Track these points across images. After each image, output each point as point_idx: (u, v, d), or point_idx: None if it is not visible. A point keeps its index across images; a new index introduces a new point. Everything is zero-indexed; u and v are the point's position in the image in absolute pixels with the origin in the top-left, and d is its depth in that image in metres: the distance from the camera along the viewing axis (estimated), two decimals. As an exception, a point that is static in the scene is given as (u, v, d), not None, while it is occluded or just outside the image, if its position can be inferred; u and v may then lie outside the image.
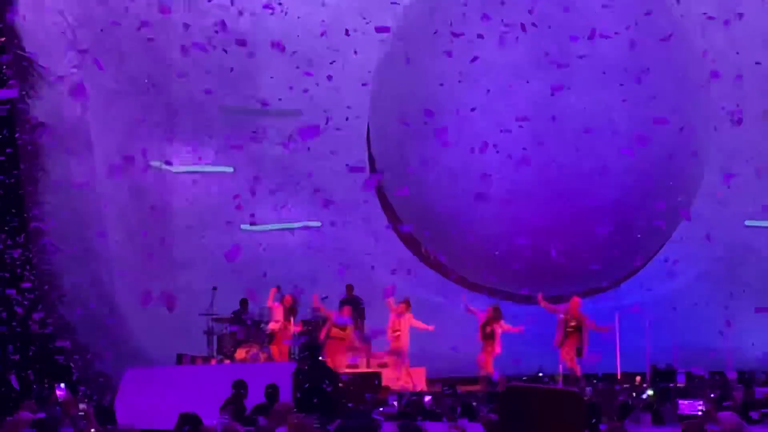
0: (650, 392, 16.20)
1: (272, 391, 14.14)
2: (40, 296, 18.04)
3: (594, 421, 10.18)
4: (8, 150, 18.07)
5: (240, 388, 14.24)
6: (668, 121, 20.61)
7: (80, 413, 14.81)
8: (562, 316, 19.23)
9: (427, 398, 16.21)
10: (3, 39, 17.67)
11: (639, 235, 22.02)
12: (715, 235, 22.03)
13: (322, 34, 21.67)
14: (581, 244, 21.58)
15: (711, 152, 22.64)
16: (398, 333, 19.51)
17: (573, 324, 19.04)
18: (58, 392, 15.95)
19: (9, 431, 11.25)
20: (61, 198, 18.71)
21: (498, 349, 19.29)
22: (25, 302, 17.72)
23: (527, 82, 21.11)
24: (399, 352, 19.48)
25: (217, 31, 20.78)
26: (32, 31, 18.44)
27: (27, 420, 11.61)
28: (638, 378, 19.23)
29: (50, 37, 18.96)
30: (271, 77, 22.12)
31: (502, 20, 20.59)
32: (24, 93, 18.06)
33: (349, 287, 20.76)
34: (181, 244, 21.62)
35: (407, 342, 19.58)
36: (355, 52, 22.12)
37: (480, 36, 20.64)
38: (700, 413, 13.16)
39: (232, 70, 21.71)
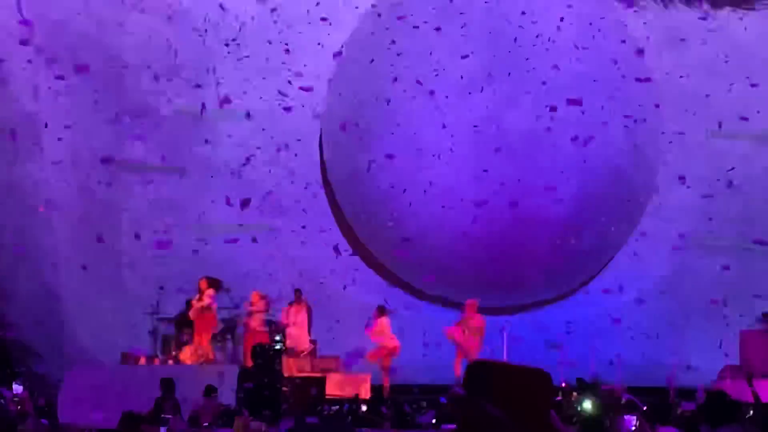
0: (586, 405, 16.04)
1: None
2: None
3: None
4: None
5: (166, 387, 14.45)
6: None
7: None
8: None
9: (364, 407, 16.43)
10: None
11: (586, 249, 22.28)
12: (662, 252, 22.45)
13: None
14: (526, 256, 21.83)
15: (659, 171, 22.94)
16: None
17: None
18: (15, 390, 15.94)
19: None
20: (8, 195, 18.61)
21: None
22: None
23: (480, 92, 21.34)
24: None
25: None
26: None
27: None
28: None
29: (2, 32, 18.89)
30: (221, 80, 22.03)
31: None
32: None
33: (298, 291, 20.78)
34: (128, 243, 21.48)
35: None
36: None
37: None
38: (633, 428, 13.27)
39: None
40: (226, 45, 21.73)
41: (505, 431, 3.83)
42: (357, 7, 22.18)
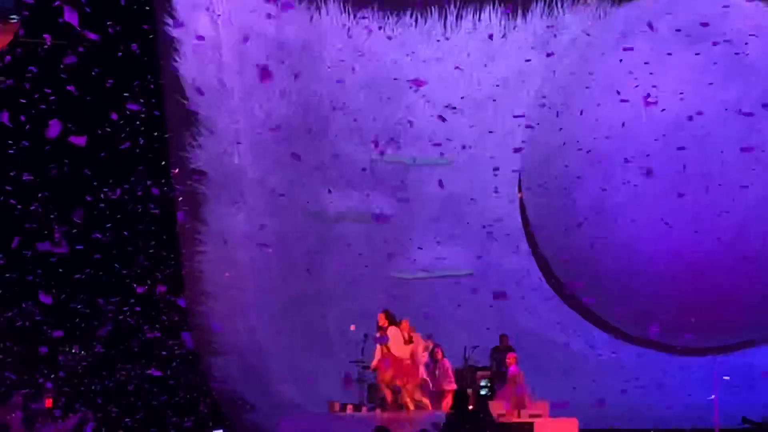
0: None
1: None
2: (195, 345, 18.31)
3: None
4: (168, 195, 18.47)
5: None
6: None
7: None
8: None
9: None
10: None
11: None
12: None
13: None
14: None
15: None
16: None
17: None
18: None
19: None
20: (218, 246, 19.00)
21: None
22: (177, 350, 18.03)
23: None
24: None
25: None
26: (195, 80, 18.85)
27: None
28: None
29: (211, 85, 19.36)
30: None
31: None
32: (186, 141, 18.45)
33: (503, 337, 20.50)
34: (334, 293, 21.65)
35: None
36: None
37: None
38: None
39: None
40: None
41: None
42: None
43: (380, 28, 22.26)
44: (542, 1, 22.54)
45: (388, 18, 22.27)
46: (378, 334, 17.61)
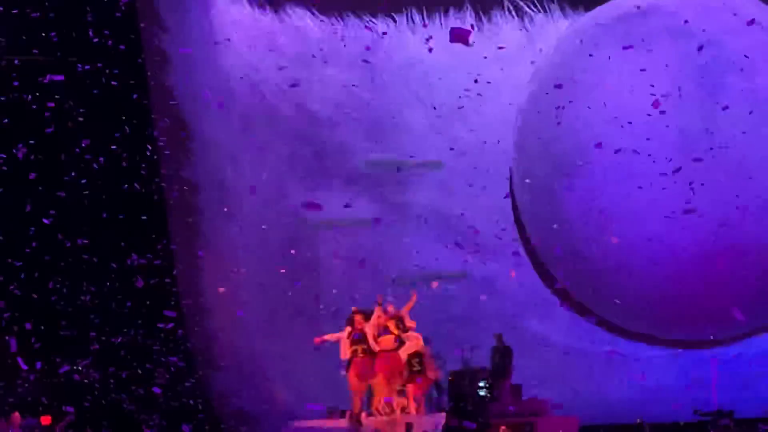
0: None
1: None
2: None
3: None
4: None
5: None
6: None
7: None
8: None
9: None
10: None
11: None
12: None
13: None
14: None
15: None
16: None
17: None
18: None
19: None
20: (215, 258, 19.05)
21: None
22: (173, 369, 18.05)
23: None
24: None
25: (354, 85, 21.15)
26: (187, 95, 18.89)
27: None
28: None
29: (204, 99, 19.41)
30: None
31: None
32: (180, 156, 18.51)
33: (499, 336, 20.56)
34: (330, 296, 21.68)
35: None
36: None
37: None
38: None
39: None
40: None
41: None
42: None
43: (383, 34, 22.41)
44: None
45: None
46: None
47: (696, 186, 20.53)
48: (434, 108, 22.36)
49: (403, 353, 16.35)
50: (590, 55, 21.10)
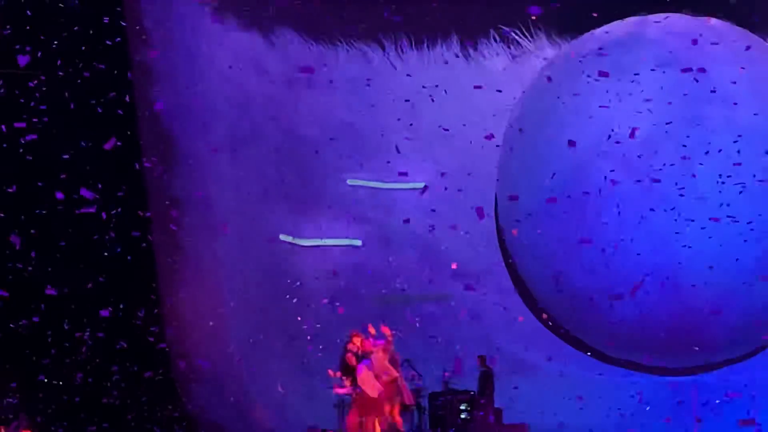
0: None
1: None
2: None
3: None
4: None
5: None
6: None
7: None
8: None
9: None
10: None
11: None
12: None
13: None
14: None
15: None
16: None
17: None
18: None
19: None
20: (195, 273, 19.05)
21: None
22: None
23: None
24: None
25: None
26: (172, 112, 19.00)
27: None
28: None
29: (189, 117, 19.53)
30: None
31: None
32: (163, 169, 18.56)
33: (481, 358, 20.53)
34: (311, 318, 21.65)
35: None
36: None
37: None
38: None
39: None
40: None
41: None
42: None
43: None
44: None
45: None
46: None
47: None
48: (419, 132, 22.41)
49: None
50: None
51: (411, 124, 22.35)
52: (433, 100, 22.20)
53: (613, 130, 20.71)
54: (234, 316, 19.97)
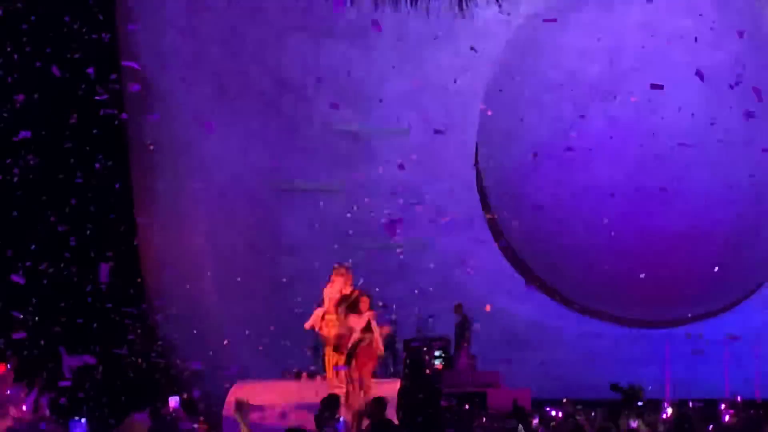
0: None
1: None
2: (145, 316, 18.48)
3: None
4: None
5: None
6: None
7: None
8: None
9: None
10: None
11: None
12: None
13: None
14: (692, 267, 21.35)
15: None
16: None
17: None
18: (171, 403, 16.26)
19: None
20: (172, 216, 19.16)
21: None
22: (128, 322, 18.13)
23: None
24: None
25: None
26: (149, 48, 18.95)
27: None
28: None
29: (166, 54, 19.48)
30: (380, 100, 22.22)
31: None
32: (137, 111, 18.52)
33: (458, 306, 20.71)
34: (289, 264, 21.73)
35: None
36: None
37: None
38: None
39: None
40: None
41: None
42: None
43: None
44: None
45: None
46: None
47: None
48: (410, 81, 22.35)
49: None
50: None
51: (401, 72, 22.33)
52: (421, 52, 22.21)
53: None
54: (212, 260, 20.08)
